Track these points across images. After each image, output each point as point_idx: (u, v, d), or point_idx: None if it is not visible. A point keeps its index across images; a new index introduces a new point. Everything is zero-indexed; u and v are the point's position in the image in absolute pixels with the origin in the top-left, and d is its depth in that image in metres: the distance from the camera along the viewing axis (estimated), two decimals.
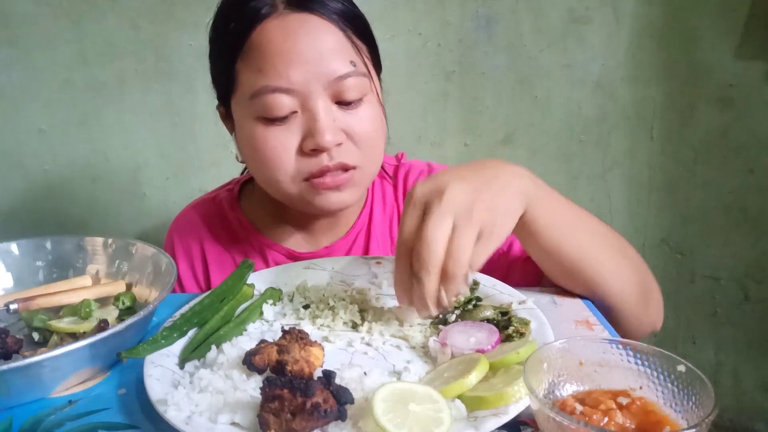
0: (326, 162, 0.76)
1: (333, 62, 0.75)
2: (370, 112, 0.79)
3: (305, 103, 0.75)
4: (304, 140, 0.76)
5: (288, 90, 0.74)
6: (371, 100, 0.80)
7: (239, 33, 0.76)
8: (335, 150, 0.76)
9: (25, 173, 1.51)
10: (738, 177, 1.58)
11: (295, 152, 0.77)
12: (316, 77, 0.74)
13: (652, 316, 0.77)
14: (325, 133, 0.74)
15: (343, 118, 0.77)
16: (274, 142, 0.76)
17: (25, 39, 1.43)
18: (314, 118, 0.75)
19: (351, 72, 0.76)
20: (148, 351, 0.60)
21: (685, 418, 0.45)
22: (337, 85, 0.75)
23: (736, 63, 1.50)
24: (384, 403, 0.48)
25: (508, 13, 1.51)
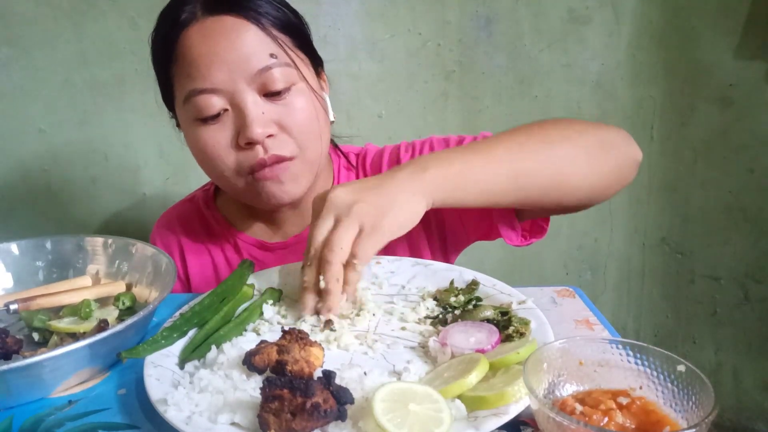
0: (261, 155, 0.80)
1: (253, 57, 0.78)
2: (301, 101, 0.82)
3: (233, 100, 0.79)
4: (237, 135, 0.80)
5: (213, 90, 0.78)
6: (301, 89, 0.82)
7: (167, 42, 0.81)
8: (269, 142, 0.80)
9: (25, 173, 1.51)
10: (738, 177, 1.58)
11: (231, 148, 0.81)
12: (239, 74, 0.78)
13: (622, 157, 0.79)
14: (254, 126, 0.78)
15: (272, 110, 0.80)
16: (211, 141, 0.81)
17: (25, 39, 1.43)
18: (242, 113, 0.79)
19: (272, 64, 0.79)
20: (148, 351, 0.60)
21: (685, 418, 0.45)
22: (261, 77, 0.79)
23: (736, 63, 1.50)
24: (384, 403, 0.47)
25: (508, 13, 1.51)
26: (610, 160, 0.78)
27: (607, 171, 0.78)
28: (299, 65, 0.83)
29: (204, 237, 0.99)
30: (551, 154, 0.75)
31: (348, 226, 0.64)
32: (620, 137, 0.80)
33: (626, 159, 0.80)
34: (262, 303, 0.70)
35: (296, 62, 0.83)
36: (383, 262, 0.80)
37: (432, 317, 0.67)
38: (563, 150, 0.75)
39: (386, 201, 0.66)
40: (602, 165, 0.77)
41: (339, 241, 0.64)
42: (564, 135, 0.77)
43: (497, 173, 0.72)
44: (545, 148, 0.75)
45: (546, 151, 0.75)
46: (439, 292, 0.72)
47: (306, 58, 0.86)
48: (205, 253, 0.98)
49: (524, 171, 0.73)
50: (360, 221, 0.65)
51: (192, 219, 1.01)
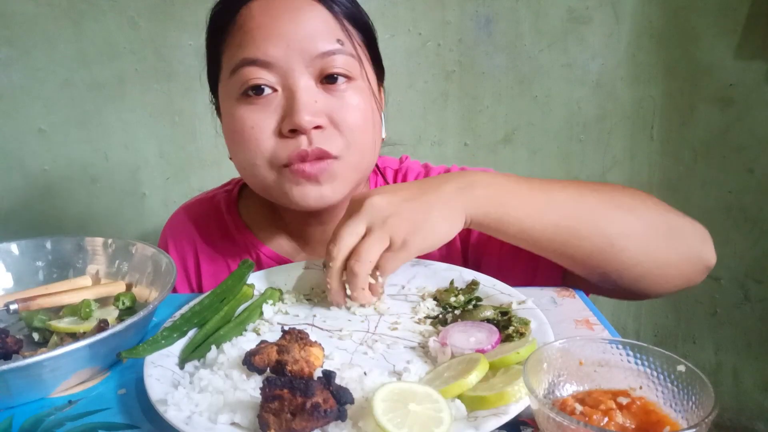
0: (304, 146, 0.72)
1: (317, 39, 0.72)
2: (358, 99, 0.75)
3: (285, 80, 0.72)
4: (282, 121, 0.73)
5: (266, 63, 0.72)
6: (360, 87, 0.76)
7: (224, 15, 0.76)
8: (315, 134, 0.72)
9: (25, 173, 1.51)
10: (738, 177, 1.58)
11: (272, 133, 0.73)
12: (298, 53, 0.71)
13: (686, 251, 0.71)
14: (303, 113, 0.71)
15: (326, 100, 0.73)
16: (252, 122, 0.73)
17: (25, 39, 1.43)
18: (293, 97, 0.72)
19: (337, 50, 0.73)
20: (148, 351, 0.60)
21: (685, 418, 0.45)
22: (322, 62, 0.72)
23: (736, 63, 1.50)
24: (384, 403, 0.47)
25: (508, 12, 1.51)
26: (672, 250, 0.70)
27: (665, 259, 0.70)
28: (364, 63, 0.77)
29: (222, 245, 0.91)
30: (608, 217, 0.68)
31: (379, 239, 0.63)
32: (695, 232, 0.72)
33: (692, 256, 0.72)
34: (262, 303, 0.70)
35: (361, 57, 0.76)
36: None
37: (432, 317, 0.67)
38: (623, 219, 0.69)
39: (422, 217, 0.64)
40: (662, 251, 0.70)
41: (367, 254, 0.63)
42: (632, 205, 0.70)
43: (543, 215, 0.67)
44: (605, 210, 0.69)
45: (604, 213, 0.69)
46: (439, 292, 0.72)
47: (370, 61, 0.80)
48: (221, 263, 0.90)
49: (573, 224, 0.67)
50: (391, 234, 0.63)
51: (210, 222, 0.93)
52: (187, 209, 0.97)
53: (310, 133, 0.72)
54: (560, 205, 0.68)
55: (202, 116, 1.50)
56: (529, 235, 0.69)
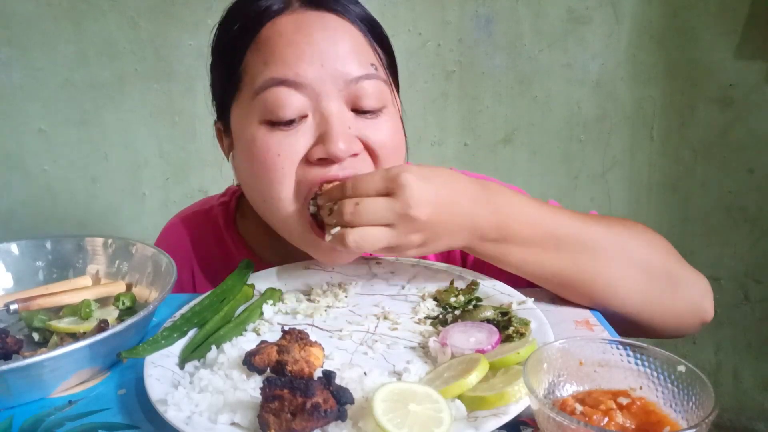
0: (334, 171, 0.66)
1: (353, 61, 0.67)
2: (390, 125, 0.71)
3: (317, 104, 0.66)
4: (313, 147, 0.67)
5: (297, 85, 0.65)
6: (392, 114, 0.72)
7: (246, 31, 0.69)
8: (348, 161, 0.67)
9: (25, 173, 1.51)
10: (738, 177, 1.58)
11: (300, 162, 0.67)
12: (331, 76, 0.66)
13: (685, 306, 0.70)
14: (338, 140, 0.65)
15: (359, 126, 0.68)
16: (277, 149, 0.66)
17: (25, 39, 1.43)
18: (327, 122, 0.66)
19: (371, 74, 0.68)
20: (148, 351, 0.59)
21: (685, 418, 0.45)
22: (355, 87, 0.67)
23: (736, 63, 1.50)
24: (384, 403, 0.47)
25: (508, 13, 1.51)
26: (671, 301, 0.69)
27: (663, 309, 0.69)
28: (392, 88, 0.73)
29: (219, 262, 0.85)
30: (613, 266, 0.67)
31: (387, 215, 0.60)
32: (697, 285, 0.71)
33: (691, 309, 0.71)
34: (262, 303, 0.70)
35: (391, 83, 0.73)
36: (383, 262, 0.80)
37: (432, 317, 0.67)
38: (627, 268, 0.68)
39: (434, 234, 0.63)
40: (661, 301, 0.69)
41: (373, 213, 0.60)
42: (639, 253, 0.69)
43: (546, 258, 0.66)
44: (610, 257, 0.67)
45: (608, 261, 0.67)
46: (439, 292, 0.72)
47: (394, 84, 0.76)
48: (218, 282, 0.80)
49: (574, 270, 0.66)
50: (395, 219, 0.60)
51: (207, 239, 0.87)
52: (183, 222, 0.91)
53: (344, 162, 0.67)
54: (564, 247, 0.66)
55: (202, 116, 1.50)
56: (529, 273, 0.69)
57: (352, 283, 0.76)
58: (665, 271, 0.70)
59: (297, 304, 0.72)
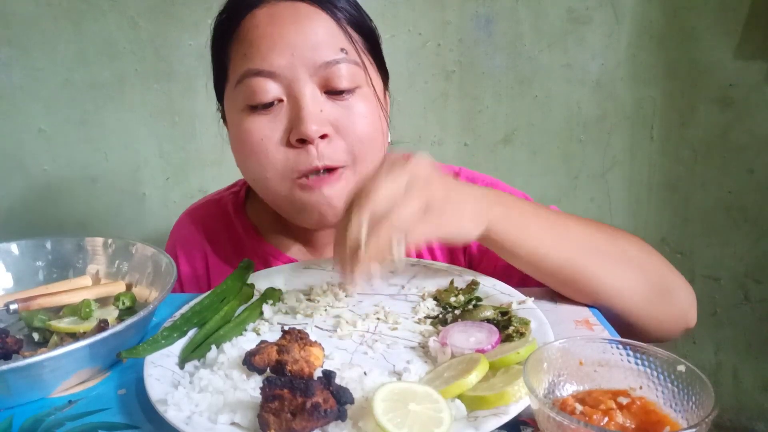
0: (315, 162, 0.72)
1: (321, 48, 0.72)
2: (364, 107, 0.75)
3: (290, 90, 0.72)
4: (290, 131, 0.73)
5: (271, 74, 0.72)
6: (366, 95, 0.76)
7: (230, 23, 0.76)
8: (322, 145, 0.72)
9: (25, 173, 1.51)
10: (738, 177, 1.58)
11: (281, 144, 0.73)
12: (302, 62, 0.71)
13: (676, 312, 0.73)
14: (309, 122, 0.71)
15: (331, 109, 0.73)
16: (260, 134, 0.73)
17: (25, 39, 1.43)
18: (298, 106, 0.72)
19: (341, 59, 0.73)
20: (148, 351, 0.60)
21: (685, 418, 0.45)
22: (326, 71, 0.72)
23: (736, 63, 1.50)
24: (384, 403, 0.47)
25: (508, 12, 1.51)
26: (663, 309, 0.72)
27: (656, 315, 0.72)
28: (368, 68, 0.77)
29: (230, 248, 0.90)
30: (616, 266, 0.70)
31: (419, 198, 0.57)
32: (686, 296, 0.74)
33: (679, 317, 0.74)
34: (262, 303, 0.70)
35: (365, 64, 0.77)
36: None
37: (432, 317, 0.67)
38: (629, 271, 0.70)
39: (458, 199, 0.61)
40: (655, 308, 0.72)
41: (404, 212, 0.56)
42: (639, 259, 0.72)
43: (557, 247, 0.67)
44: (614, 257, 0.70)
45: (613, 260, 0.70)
46: (439, 292, 0.72)
47: (374, 65, 0.80)
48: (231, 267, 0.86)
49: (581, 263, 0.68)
50: (429, 199, 0.58)
51: (218, 225, 0.92)
52: (193, 213, 0.96)
53: (318, 144, 0.72)
54: (574, 243, 0.69)
55: (202, 116, 1.50)
56: (538, 263, 0.69)
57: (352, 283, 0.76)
58: (661, 278, 0.72)
59: (297, 304, 0.72)
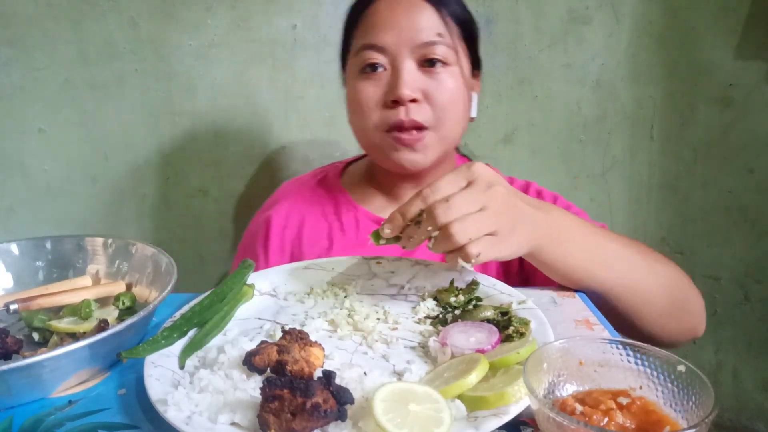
0: (402, 116, 0.88)
1: (422, 31, 0.89)
2: (451, 82, 0.91)
3: (393, 61, 0.90)
4: (387, 93, 0.90)
5: (381, 48, 0.90)
6: (454, 73, 0.92)
7: (357, 11, 0.96)
8: (412, 107, 0.89)
9: (25, 173, 1.51)
10: (738, 177, 1.58)
11: (379, 103, 0.91)
12: (405, 41, 0.89)
13: (689, 325, 0.84)
14: (403, 87, 0.88)
15: (423, 80, 0.90)
16: (365, 93, 0.91)
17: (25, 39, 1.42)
18: (397, 74, 0.89)
19: (437, 41, 0.89)
20: (148, 351, 0.60)
21: (685, 418, 0.45)
22: (423, 50, 0.89)
23: (736, 63, 1.50)
24: (384, 403, 0.47)
25: (508, 13, 1.51)
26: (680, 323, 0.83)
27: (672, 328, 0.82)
28: (459, 53, 0.93)
29: (325, 206, 1.05)
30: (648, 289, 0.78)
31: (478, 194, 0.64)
32: (700, 309, 0.85)
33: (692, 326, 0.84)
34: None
35: (458, 49, 0.92)
36: (383, 262, 0.81)
37: (432, 317, 0.67)
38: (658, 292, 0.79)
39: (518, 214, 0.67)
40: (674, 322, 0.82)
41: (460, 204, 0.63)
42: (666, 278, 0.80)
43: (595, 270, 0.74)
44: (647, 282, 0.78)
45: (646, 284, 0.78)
46: (439, 292, 0.72)
47: (467, 52, 0.96)
48: (323, 222, 1.03)
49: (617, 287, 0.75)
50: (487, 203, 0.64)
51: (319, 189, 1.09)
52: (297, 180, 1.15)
53: (408, 105, 0.89)
54: (612, 266, 0.76)
55: (202, 116, 1.50)
56: (574, 282, 0.76)
57: (352, 283, 0.76)
58: (681, 292, 0.82)
59: (297, 303, 0.73)
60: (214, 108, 1.48)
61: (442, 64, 0.90)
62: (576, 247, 0.73)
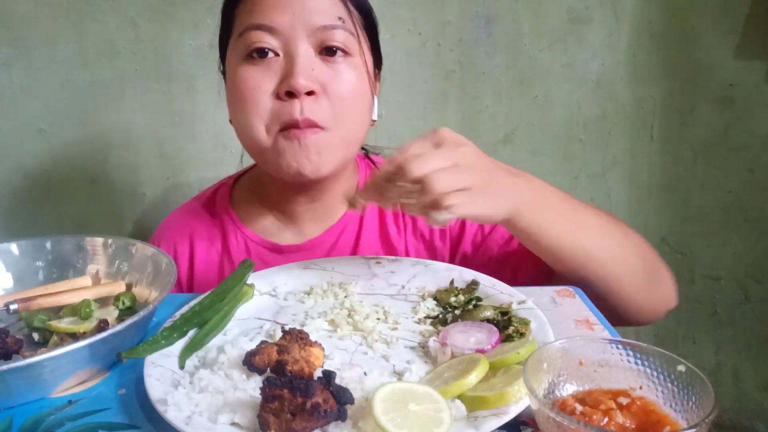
0: (297, 114, 0.76)
1: (321, 13, 0.78)
2: (353, 74, 0.80)
3: (287, 46, 0.78)
4: (280, 83, 0.78)
5: (271, 29, 0.77)
6: (356, 64, 0.81)
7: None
8: (307, 102, 0.77)
9: (25, 173, 1.51)
10: (738, 177, 1.58)
11: (271, 95, 0.78)
12: (301, 23, 0.77)
13: (664, 292, 0.81)
14: (299, 76, 0.76)
15: (322, 70, 0.78)
16: (253, 83, 0.78)
17: (25, 39, 1.42)
18: (292, 62, 0.77)
19: (337, 25, 0.78)
20: (148, 351, 0.60)
21: (685, 418, 0.45)
22: (322, 34, 0.78)
23: (736, 63, 1.50)
24: (384, 403, 0.47)
25: (508, 12, 1.51)
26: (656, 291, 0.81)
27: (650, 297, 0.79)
28: (362, 43, 0.82)
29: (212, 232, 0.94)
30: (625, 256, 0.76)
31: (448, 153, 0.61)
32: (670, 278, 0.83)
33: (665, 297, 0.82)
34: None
35: (360, 38, 0.82)
36: (383, 262, 0.81)
37: (432, 317, 0.68)
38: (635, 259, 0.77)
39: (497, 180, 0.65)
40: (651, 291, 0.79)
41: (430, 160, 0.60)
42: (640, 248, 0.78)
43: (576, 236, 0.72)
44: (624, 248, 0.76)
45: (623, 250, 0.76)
46: (439, 292, 0.72)
47: (368, 45, 0.85)
48: (212, 251, 0.93)
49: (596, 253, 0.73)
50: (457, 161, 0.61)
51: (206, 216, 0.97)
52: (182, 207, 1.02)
53: (303, 99, 0.77)
54: (591, 232, 0.74)
55: (202, 116, 1.50)
56: (556, 251, 0.73)
57: (352, 283, 0.76)
58: (653, 264, 0.80)
59: (297, 303, 0.73)
60: (214, 108, 1.48)
61: (343, 53, 0.79)
62: (555, 213, 0.71)
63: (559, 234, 0.71)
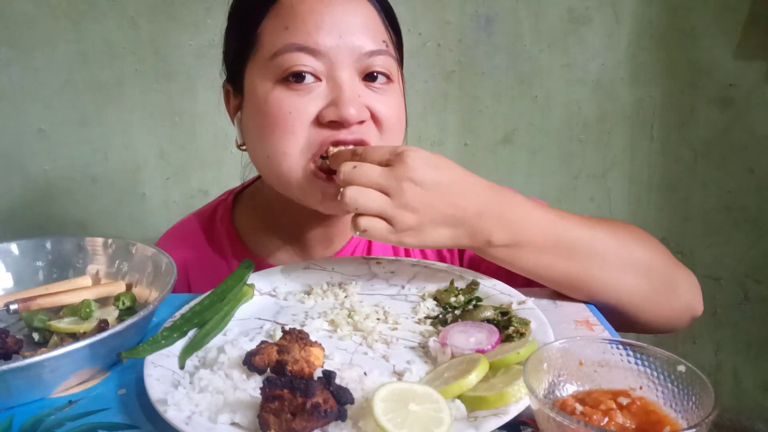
0: (343, 135, 0.71)
1: (366, 37, 0.72)
2: (397, 99, 0.76)
3: (331, 72, 0.71)
4: (324, 109, 0.71)
5: (315, 52, 0.70)
6: (396, 90, 0.77)
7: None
8: (355, 128, 0.72)
9: (25, 173, 1.51)
10: (738, 177, 1.58)
11: (310, 122, 0.71)
12: (347, 47, 0.71)
13: (680, 305, 0.74)
14: (350, 105, 0.70)
15: (367, 95, 0.73)
16: (290, 107, 0.71)
17: (25, 39, 1.43)
18: (340, 88, 0.71)
19: (382, 50, 0.73)
20: (148, 351, 0.59)
21: (685, 418, 0.45)
22: (367, 61, 0.72)
23: (736, 63, 1.50)
24: (384, 403, 0.47)
25: (508, 13, 1.51)
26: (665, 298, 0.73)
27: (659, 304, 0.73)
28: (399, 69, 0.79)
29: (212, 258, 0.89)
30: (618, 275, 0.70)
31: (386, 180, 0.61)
32: (689, 285, 0.75)
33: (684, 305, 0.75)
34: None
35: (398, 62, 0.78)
36: (383, 262, 0.81)
37: (432, 317, 0.67)
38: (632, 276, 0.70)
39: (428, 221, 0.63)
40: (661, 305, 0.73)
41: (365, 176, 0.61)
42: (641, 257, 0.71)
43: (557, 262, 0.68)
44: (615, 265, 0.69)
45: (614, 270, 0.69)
46: (439, 292, 0.72)
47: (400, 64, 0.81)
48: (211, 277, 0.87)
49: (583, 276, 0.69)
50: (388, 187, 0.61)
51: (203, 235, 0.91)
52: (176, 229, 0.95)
53: (352, 129, 0.71)
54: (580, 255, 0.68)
55: (202, 116, 1.50)
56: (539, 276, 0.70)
57: (352, 283, 0.76)
58: (664, 273, 0.73)
59: (297, 303, 0.73)
60: (214, 108, 1.48)
61: (386, 78, 0.74)
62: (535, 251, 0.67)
63: (530, 266, 0.68)
